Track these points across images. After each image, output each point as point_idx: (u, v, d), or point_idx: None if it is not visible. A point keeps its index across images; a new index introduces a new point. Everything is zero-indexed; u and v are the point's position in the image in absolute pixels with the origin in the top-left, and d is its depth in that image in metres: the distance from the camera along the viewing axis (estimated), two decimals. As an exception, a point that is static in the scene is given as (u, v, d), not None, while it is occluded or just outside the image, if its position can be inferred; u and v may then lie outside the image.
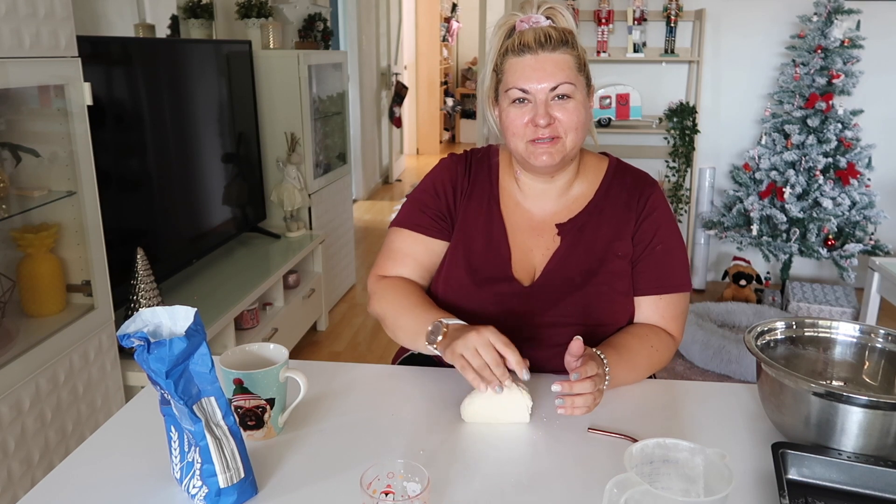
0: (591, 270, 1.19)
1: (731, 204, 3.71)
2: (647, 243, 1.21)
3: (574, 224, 1.22)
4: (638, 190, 1.24)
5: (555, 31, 1.13)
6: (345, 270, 3.89)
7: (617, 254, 1.20)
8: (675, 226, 1.24)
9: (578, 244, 1.21)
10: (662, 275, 1.21)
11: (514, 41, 1.14)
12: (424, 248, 1.26)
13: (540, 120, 1.12)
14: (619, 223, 1.22)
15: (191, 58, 2.63)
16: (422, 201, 1.28)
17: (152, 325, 0.83)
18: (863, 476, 0.85)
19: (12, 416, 1.59)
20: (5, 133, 1.78)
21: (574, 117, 1.14)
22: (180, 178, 2.59)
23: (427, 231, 1.26)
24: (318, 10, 4.25)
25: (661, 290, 1.21)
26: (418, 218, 1.27)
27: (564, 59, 1.13)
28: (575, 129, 1.14)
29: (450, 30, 8.85)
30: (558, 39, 1.13)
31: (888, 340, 1.03)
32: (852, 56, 3.40)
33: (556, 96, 1.13)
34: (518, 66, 1.14)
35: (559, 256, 1.21)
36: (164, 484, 0.88)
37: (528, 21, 1.15)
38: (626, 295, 1.21)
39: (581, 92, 1.15)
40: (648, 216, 1.22)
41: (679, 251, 1.23)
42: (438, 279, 1.26)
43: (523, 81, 1.13)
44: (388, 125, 6.84)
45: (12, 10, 1.53)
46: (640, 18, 3.74)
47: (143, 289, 2.05)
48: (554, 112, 1.13)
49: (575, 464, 0.92)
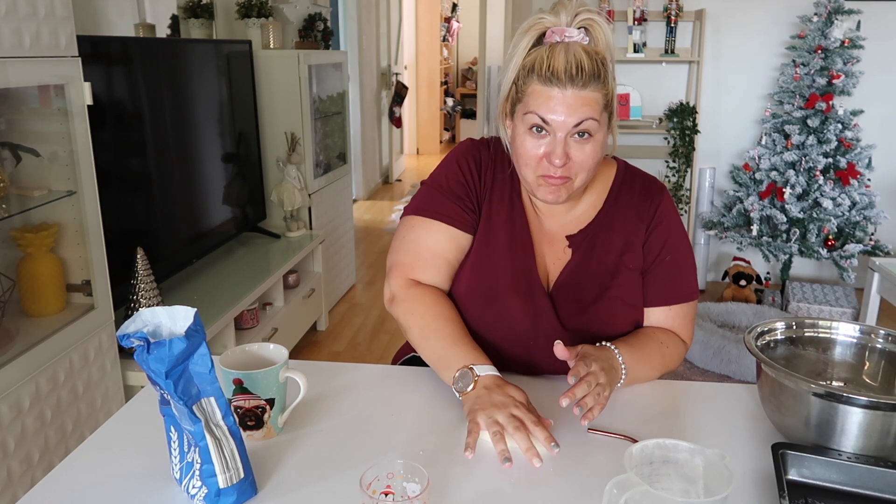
0: (603, 285, 1.17)
1: (731, 204, 3.71)
2: (656, 254, 1.18)
3: (585, 236, 1.19)
4: (647, 199, 1.20)
5: (588, 61, 1.03)
6: (345, 270, 3.89)
7: (629, 266, 1.18)
8: (684, 234, 1.22)
9: (591, 258, 1.18)
10: (672, 286, 1.20)
11: (543, 65, 1.03)
12: (454, 245, 1.17)
13: (556, 160, 1.05)
14: (629, 234, 1.19)
15: (191, 58, 2.63)
16: (447, 188, 1.18)
17: (152, 325, 0.83)
18: (863, 476, 0.85)
19: (12, 415, 1.59)
20: (5, 133, 1.78)
21: (590, 159, 1.07)
22: (180, 178, 2.59)
23: (457, 223, 1.16)
24: (318, 10, 4.25)
25: (671, 301, 1.20)
26: (445, 206, 1.17)
27: (593, 96, 1.04)
28: (588, 170, 1.08)
29: (450, 30, 8.86)
30: (590, 73, 1.03)
31: (888, 341, 1.03)
32: (852, 56, 3.40)
33: (576, 133, 1.05)
34: (543, 96, 1.04)
35: (571, 269, 1.18)
36: (163, 484, 0.88)
37: (560, 34, 1.04)
38: (638, 307, 1.20)
39: (603, 130, 1.07)
40: (658, 226, 1.19)
41: (688, 260, 1.21)
42: (462, 276, 1.19)
43: (546, 111, 1.04)
44: (388, 125, 6.84)
45: (12, 9, 1.53)
46: (641, 18, 3.74)
47: (143, 289, 2.05)
48: (571, 151, 1.06)
49: (575, 464, 0.92)
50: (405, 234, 1.19)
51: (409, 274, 1.17)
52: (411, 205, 1.21)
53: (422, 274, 1.17)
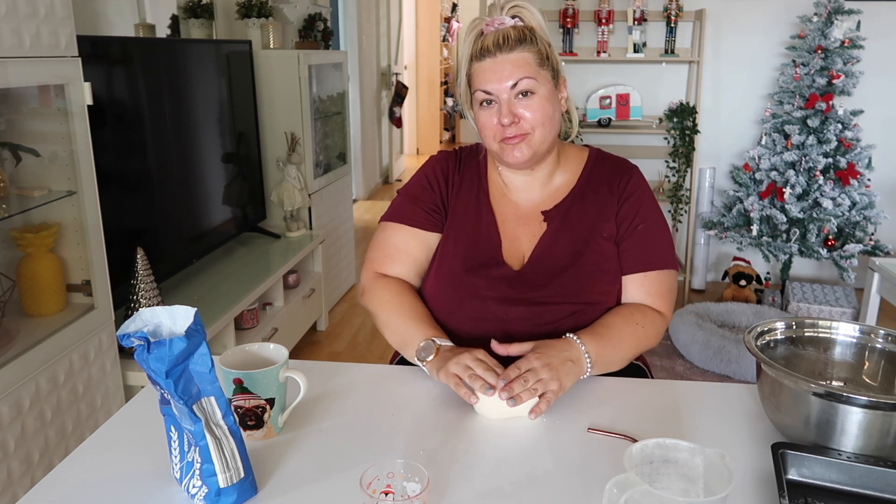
0: (577, 251, 1.23)
1: (731, 204, 3.71)
2: (629, 223, 1.25)
3: (559, 210, 1.27)
4: (618, 174, 1.28)
5: (514, 31, 1.16)
6: (345, 270, 3.89)
7: (602, 235, 1.24)
8: (656, 206, 1.29)
9: (564, 228, 1.25)
10: (646, 253, 1.24)
11: (476, 46, 1.18)
12: (419, 243, 1.29)
13: (504, 119, 1.16)
14: (602, 206, 1.26)
15: (191, 58, 2.63)
16: (414, 195, 1.31)
17: (152, 324, 0.83)
18: (863, 476, 0.85)
19: (12, 415, 1.59)
20: (5, 133, 1.78)
21: (539, 113, 1.17)
22: (180, 178, 2.59)
23: (421, 225, 1.29)
24: (318, 9, 4.25)
25: (645, 268, 1.24)
26: (411, 212, 1.30)
27: (523, 56, 1.16)
28: (542, 124, 1.18)
29: (450, 30, 8.85)
30: (516, 38, 1.16)
31: (888, 341, 1.03)
32: (852, 56, 3.40)
33: (518, 94, 1.16)
34: (480, 70, 1.18)
35: (546, 240, 1.25)
36: (163, 484, 0.88)
37: (492, 24, 1.18)
38: (614, 274, 1.24)
39: (545, 86, 1.18)
40: (629, 197, 1.26)
41: (661, 229, 1.27)
42: (431, 269, 1.28)
43: (485, 83, 1.17)
44: (388, 125, 6.84)
45: (12, 9, 1.53)
46: (640, 18, 3.74)
47: (143, 288, 2.05)
48: (517, 110, 1.17)
49: (575, 464, 0.92)
50: (377, 237, 1.33)
51: (377, 268, 1.30)
52: (386, 212, 1.34)
53: (388, 268, 1.29)
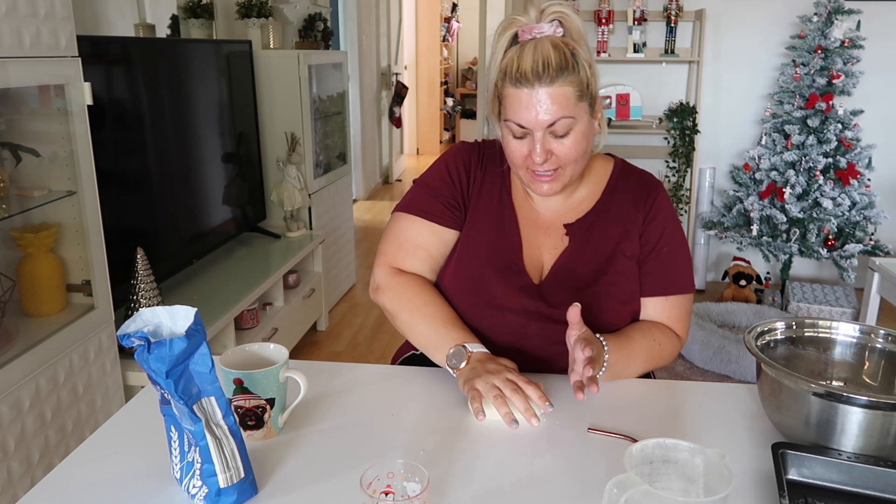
0: (599, 270, 1.19)
1: (731, 204, 3.71)
2: (653, 245, 1.21)
3: (582, 224, 1.22)
4: (644, 190, 1.24)
5: (555, 54, 1.06)
6: (345, 270, 3.89)
7: (625, 254, 1.20)
8: (679, 228, 1.25)
9: (587, 244, 1.21)
10: (668, 277, 1.22)
11: (513, 67, 1.08)
12: (436, 238, 1.23)
13: (536, 158, 1.10)
14: (626, 223, 1.22)
15: (191, 58, 2.63)
16: (434, 187, 1.24)
17: (152, 324, 0.83)
18: (863, 476, 0.85)
19: (12, 415, 1.59)
20: (5, 133, 1.78)
21: (573, 151, 1.11)
22: (180, 178, 2.59)
23: (439, 220, 1.22)
24: (318, 10, 4.25)
25: (666, 292, 1.21)
26: (430, 205, 1.23)
27: (563, 91, 1.07)
28: (574, 161, 1.13)
29: (450, 30, 8.85)
30: (558, 67, 1.06)
31: (888, 340, 1.03)
32: (852, 56, 3.40)
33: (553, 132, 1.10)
34: (515, 99, 1.09)
35: (568, 255, 1.21)
36: (164, 484, 0.88)
37: (529, 31, 1.08)
38: (631, 294, 1.21)
39: (582, 121, 1.11)
40: (655, 217, 1.22)
41: (684, 253, 1.24)
42: (448, 269, 1.23)
43: (519, 116, 1.09)
44: (388, 125, 6.83)
45: (12, 9, 1.53)
46: (641, 18, 3.74)
47: (143, 288, 2.05)
48: (552, 146, 1.11)
49: (575, 464, 0.92)
50: (392, 227, 1.26)
51: (392, 263, 1.23)
52: (401, 202, 1.27)
53: (403, 262, 1.23)
